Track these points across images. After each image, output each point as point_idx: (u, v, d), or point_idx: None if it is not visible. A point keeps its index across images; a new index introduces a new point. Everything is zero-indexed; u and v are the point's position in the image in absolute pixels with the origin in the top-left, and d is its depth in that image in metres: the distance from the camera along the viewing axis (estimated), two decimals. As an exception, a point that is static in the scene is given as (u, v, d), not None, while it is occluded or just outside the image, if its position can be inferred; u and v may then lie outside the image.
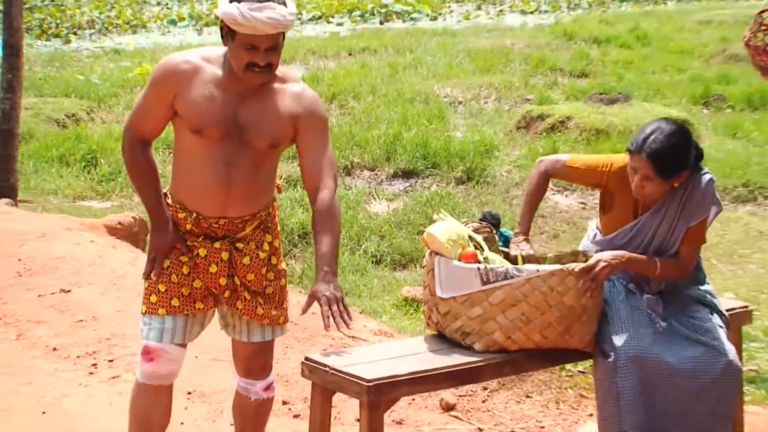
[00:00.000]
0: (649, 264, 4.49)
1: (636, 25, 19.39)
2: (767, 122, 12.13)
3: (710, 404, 4.47)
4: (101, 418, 5.26)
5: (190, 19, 23.08)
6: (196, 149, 4.11)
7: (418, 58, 16.82)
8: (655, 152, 4.35)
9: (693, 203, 4.53)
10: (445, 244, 4.36)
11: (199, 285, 4.18)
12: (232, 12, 3.89)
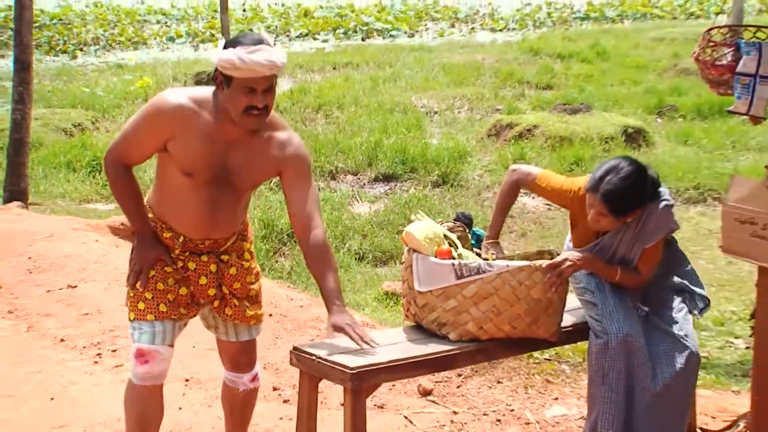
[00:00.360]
0: (611, 271, 4.57)
1: (596, 42, 19.47)
2: (716, 130, 12.17)
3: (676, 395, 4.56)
4: (106, 405, 5.25)
5: (187, 36, 23.04)
6: (184, 186, 4.06)
7: (397, 72, 16.85)
8: (608, 193, 4.40)
9: (647, 229, 4.60)
10: (423, 242, 4.37)
11: (185, 293, 4.15)
12: (230, 58, 3.81)
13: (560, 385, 5.84)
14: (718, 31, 4.85)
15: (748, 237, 4.60)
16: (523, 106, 14.32)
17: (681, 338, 4.56)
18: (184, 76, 16.47)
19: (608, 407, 4.50)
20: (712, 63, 4.76)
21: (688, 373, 4.55)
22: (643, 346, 4.48)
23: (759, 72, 4.55)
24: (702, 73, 4.88)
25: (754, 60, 4.55)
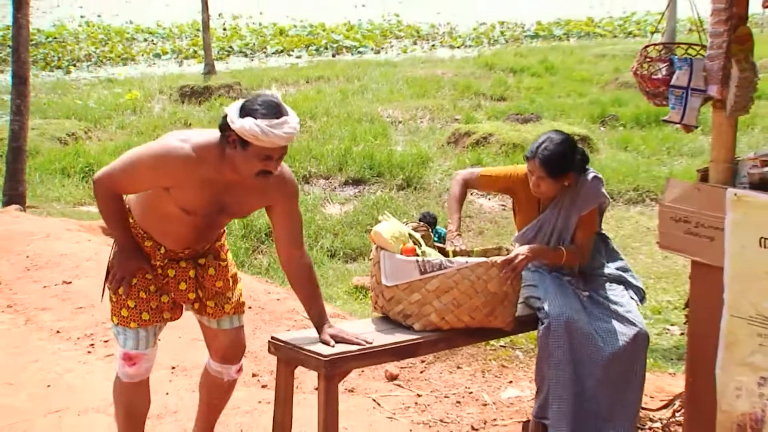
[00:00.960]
0: (558, 253, 4.66)
1: (545, 58, 19.56)
2: (653, 138, 12.25)
3: (624, 368, 4.62)
4: (98, 391, 5.22)
5: (172, 53, 22.96)
6: (177, 216, 3.90)
7: (365, 85, 16.87)
8: (545, 158, 4.58)
9: (581, 197, 4.75)
10: (390, 240, 4.39)
11: (167, 300, 4.05)
12: (252, 129, 3.64)
13: (514, 370, 5.85)
14: (654, 48, 4.88)
15: (682, 234, 4.63)
16: (480, 116, 14.37)
17: (626, 316, 4.66)
18: (170, 89, 16.42)
19: (557, 384, 4.55)
20: (649, 77, 4.78)
21: (636, 348, 4.62)
22: (585, 326, 4.55)
23: (690, 85, 4.58)
24: (640, 86, 4.90)
25: (686, 74, 4.58)
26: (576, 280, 4.78)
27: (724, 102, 4.45)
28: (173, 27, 26.75)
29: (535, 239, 4.75)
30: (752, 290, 4.24)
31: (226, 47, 23.49)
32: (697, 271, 4.67)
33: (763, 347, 4.30)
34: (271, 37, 25.54)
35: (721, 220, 4.41)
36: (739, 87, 4.40)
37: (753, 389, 4.41)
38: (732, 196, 4.37)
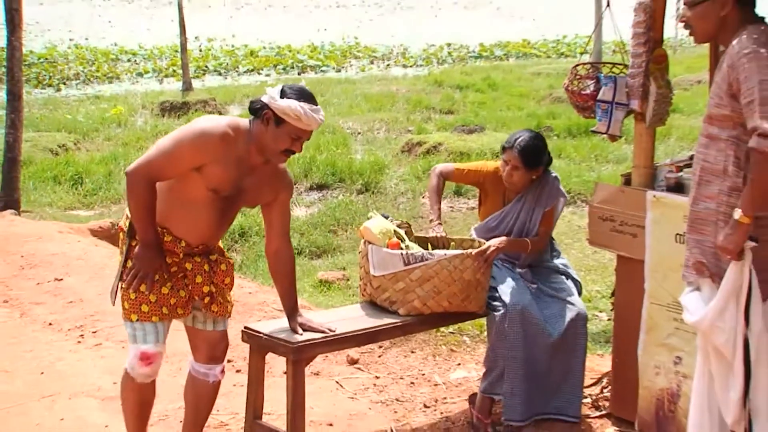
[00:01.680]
0: (524, 243, 4.80)
1: (487, 76, 19.61)
2: (583, 146, 12.32)
3: (569, 345, 4.75)
4: (87, 377, 5.21)
5: (153, 72, 22.75)
6: (201, 199, 3.80)
7: (327, 100, 16.83)
8: (523, 148, 4.70)
9: (544, 194, 4.86)
10: (378, 235, 4.54)
11: (184, 294, 3.89)
12: (297, 109, 3.68)
13: (462, 353, 5.87)
14: (583, 67, 4.92)
15: (608, 231, 4.68)
16: (430, 127, 14.38)
17: (568, 300, 4.78)
18: (151, 104, 16.29)
19: (512, 364, 4.63)
20: (579, 92, 4.82)
21: (578, 326, 4.74)
22: (535, 313, 4.65)
23: (615, 99, 4.62)
24: (571, 101, 4.94)
25: (611, 90, 4.63)
26: (526, 273, 4.89)
27: (644, 114, 4.51)
28: (154, 49, 26.49)
29: (496, 229, 4.86)
30: (669, 280, 4.30)
31: (202, 67, 23.31)
32: (621, 264, 4.73)
33: (678, 330, 4.36)
34: (243, 58, 25.38)
35: (643, 219, 4.47)
36: (657, 101, 4.46)
37: (670, 367, 4.47)
38: (652, 197, 4.42)
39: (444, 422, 4.91)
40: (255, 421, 4.35)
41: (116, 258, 7.11)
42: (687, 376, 4.28)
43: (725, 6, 3.58)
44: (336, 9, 45.26)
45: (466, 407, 5.05)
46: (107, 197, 10.55)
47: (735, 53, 3.49)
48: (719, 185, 3.61)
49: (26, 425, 4.64)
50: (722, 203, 3.59)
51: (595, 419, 4.87)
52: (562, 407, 4.79)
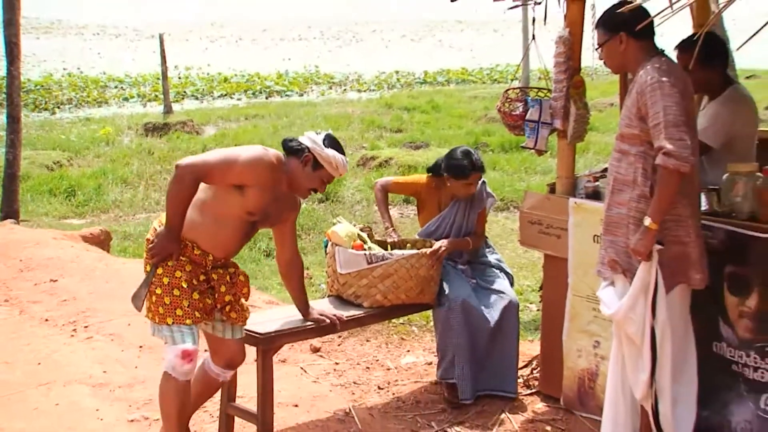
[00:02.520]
0: (466, 242, 4.90)
1: (431, 99, 19.68)
2: (514, 160, 12.40)
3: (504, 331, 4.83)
4: (80, 366, 5.13)
5: (138, 97, 22.52)
6: (235, 219, 3.74)
7: (291, 121, 16.80)
8: (481, 165, 4.93)
9: (476, 198, 4.98)
10: (344, 238, 4.62)
11: (209, 302, 3.78)
12: (337, 159, 3.80)
13: (411, 341, 5.87)
14: (513, 91, 4.95)
15: (536, 233, 4.71)
16: (382, 144, 14.38)
17: (501, 293, 4.86)
18: (136, 125, 16.11)
19: (459, 350, 4.69)
20: (510, 113, 4.85)
21: (511, 314, 4.84)
22: (475, 303, 4.73)
23: (540, 119, 4.66)
24: (503, 120, 4.97)
25: (537, 111, 4.66)
26: (466, 269, 4.97)
27: (565, 132, 4.55)
28: (138, 77, 26.24)
29: (436, 232, 4.92)
30: (589, 276, 4.34)
31: (181, 92, 23.12)
32: (548, 262, 4.77)
33: (596, 318, 4.40)
34: (217, 84, 25.22)
35: (566, 222, 4.50)
36: (576, 121, 4.50)
37: (590, 350, 4.50)
38: (573, 204, 4.46)
39: (395, 402, 4.90)
40: (229, 404, 4.32)
41: (105, 261, 7.05)
42: (604, 357, 4.32)
43: (623, 43, 3.68)
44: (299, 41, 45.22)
45: (415, 388, 5.06)
46: (97, 207, 10.42)
47: (643, 82, 3.55)
48: (630, 193, 3.66)
49: (25, 410, 4.56)
50: (632, 209, 3.64)
51: (526, 396, 4.89)
52: (500, 384, 4.86)
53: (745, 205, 3.81)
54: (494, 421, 4.58)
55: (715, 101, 4.54)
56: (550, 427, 4.49)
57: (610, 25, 3.72)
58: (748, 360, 3.83)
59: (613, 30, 3.69)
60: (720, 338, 3.92)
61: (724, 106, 4.48)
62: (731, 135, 4.41)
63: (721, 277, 3.84)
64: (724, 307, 3.87)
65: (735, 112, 4.47)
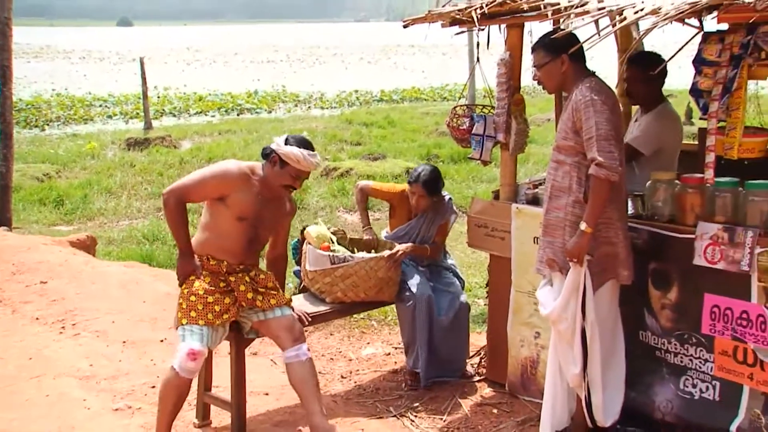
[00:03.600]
0: (424, 249, 4.91)
1: (387, 115, 19.67)
2: (462, 170, 12.43)
3: (456, 326, 4.88)
4: (68, 361, 5.04)
5: (121, 114, 22.14)
6: (232, 227, 3.89)
7: (261, 135, 16.66)
8: (425, 182, 4.83)
9: (440, 211, 5.00)
10: (315, 238, 4.66)
11: (229, 301, 3.84)
12: (296, 153, 3.82)
13: (371, 335, 5.85)
14: (460, 108, 4.96)
15: (483, 236, 4.72)
16: (343, 156, 14.33)
17: (455, 293, 4.91)
18: (119, 140, 15.86)
19: (421, 343, 4.73)
20: (457, 128, 4.86)
21: (463, 314, 4.89)
22: (434, 302, 4.77)
23: (485, 133, 4.67)
24: (451, 134, 4.98)
25: (482, 125, 4.67)
26: (426, 271, 4.97)
27: (507, 145, 4.57)
28: (121, 96, 25.84)
29: (403, 238, 4.93)
30: (529, 273, 4.36)
31: (160, 110, 22.82)
32: (493, 261, 4.78)
33: (537, 312, 4.41)
34: (193, 102, 24.94)
35: (509, 225, 4.52)
36: (517, 134, 4.52)
37: (531, 340, 4.52)
38: (515, 209, 4.48)
39: (357, 389, 4.88)
40: (205, 393, 4.28)
41: (91, 264, 6.93)
42: (544, 347, 4.34)
43: (563, 64, 3.70)
44: (267, 63, 44.96)
45: (374, 377, 5.04)
46: (84, 215, 10.24)
47: (578, 100, 3.58)
48: (565, 199, 3.69)
49: (18, 401, 4.47)
50: (569, 213, 3.67)
51: (476, 382, 4.90)
52: (452, 371, 4.91)
53: (666, 209, 3.86)
54: (447, 405, 4.58)
55: (649, 114, 4.57)
56: (497, 409, 4.50)
57: (552, 48, 3.73)
58: (670, 346, 3.88)
59: (555, 52, 3.71)
60: (645, 328, 3.97)
61: (656, 120, 4.52)
62: (659, 145, 4.45)
63: (645, 273, 3.89)
64: (649, 300, 3.92)
65: (665, 126, 4.52)
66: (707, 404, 3.74)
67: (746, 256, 3.44)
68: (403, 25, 4.65)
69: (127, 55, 49.44)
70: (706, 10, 3.15)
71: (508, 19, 4.29)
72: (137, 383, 4.77)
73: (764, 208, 3.50)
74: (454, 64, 37.84)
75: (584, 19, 3.54)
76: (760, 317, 3.48)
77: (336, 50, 59.17)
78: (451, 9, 4.38)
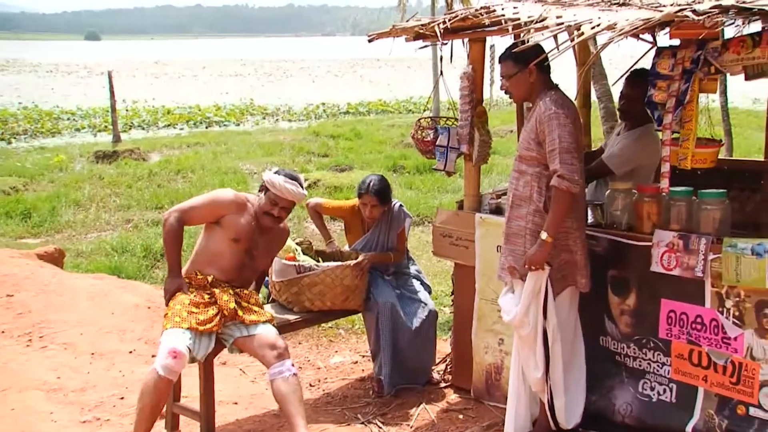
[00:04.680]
0: (388, 256, 4.90)
1: (354, 127, 19.68)
2: (428, 181, 12.48)
3: (423, 334, 4.86)
4: (35, 374, 4.94)
5: (89, 127, 21.89)
6: (226, 248, 4.07)
7: (229, 148, 16.58)
8: (376, 191, 4.82)
9: (394, 219, 4.97)
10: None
11: (214, 311, 3.90)
12: (273, 180, 4.05)
13: (338, 343, 5.83)
14: (425, 120, 4.98)
15: (448, 245, 4.74)
16: (311, 167, 14.30)
17: (422, 301, 4.89)
18: (87, 153, 15.69)
19: (386, 349, 4.72)
20: (422, 139, 4.88)
21: (430, 322, 4.86)
22: (400, 309, 4.75)
23: (449, 144, 4.69)
24: (416, 146, 4.99)
25: (446, 137, 4.70)
26: (391, 280, 4.96)
27: (471, 156, 4.60)
28: (89, 109, 25.55)
29: (362, 251, 4.89)
30: (493, 281, 4.38)
31: (128, 123, 22.61)
32: (458, 270, 4.80)
33: (500, 319, 4.42)
34: (161, 115, 24.74)
35: (472, 234, 4.54)
36: (480, 146, 4.55)
37: (495, 347, 4.55)
38: (479, 218, 4.50)
39: (325, 397, 4.86)
40: (174, 403, 4.24)
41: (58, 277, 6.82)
42: (507, 353, 4.37)
43: (532, 74, 3.74)
44: (235, 77, 44.80)
45: (342, 385, 5.03)
46: (52, 228, 10.08)
47: (541, 112, 3.62)
48: (527, 208, 3.72)
49: (-17, 416, 4.37)
50: (529, 221, 3.71)
51: (442, 389, 4.91)
52: (415, 379, 4.88)
53: (624, 218, 3.91)
54: (414, 412, 4.58)
55: (631, 133, 4.45)
56: (463, 415, 4.51)
57: (520, 59, 3.74)
58: (629, 351, 3.93)
59: (524, 63, 3.73)
60: (605, 333, 4.01)
61: (635, 142, 4.39)
62: (633, 166, 4.36)
63: (605, 279, 3.94)
64: (608, 306, 3.97)
65: (643, 148, 4.39)
66: (665, 406, 3.79)
67: (700, 263, 3.51)
68: (368, 40, 4.66)
69: (95, 69, 48.95)
70: (659, 26, 3.22)
71: (470, 34, 4.34)
72: (105, 395, 4.71)
73: (716, 216, 3.57)
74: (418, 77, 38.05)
75: (543, 34, 3.58)
76: (713, 321, 3.54)
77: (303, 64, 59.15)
78: (415, 24, 4.41)
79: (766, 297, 3.37)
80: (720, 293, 3.50)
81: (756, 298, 3.40)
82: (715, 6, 3.05)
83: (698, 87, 3.45)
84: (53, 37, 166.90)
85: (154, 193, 11.83)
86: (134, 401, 4.59)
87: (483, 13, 4.03)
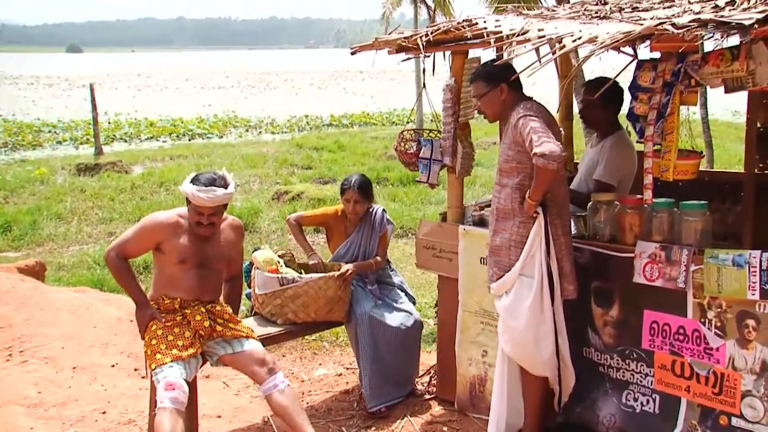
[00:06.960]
0: (370, 263, 4.88)
1: (337, 140, 19.72)
2: (411, 192, 12.51)
3: (407, 345, 4.84)
4: (15, 388, 4.88)
5: (71, 140, 21.78)
6: (177, 271, 3.94)
7: (212, 160, 16.55)
8: (359, 185, 4.85)
9: (376, 223, 4.98)
10: (262, 263, 4.63)
11: (189, 334, 3.85)
12: (186, 191, 3.85)
13: (322, 356, 5.81)
14: (408, 132, 5.00)
15: (431, 257, 4.74)
16: (294, 179, 14.30)
17: (407, 311, 4.86)
18: (69, 166, 15.59)
19: (366, 361, 4.68)
20: (405, 152, 4.90)
21: (414, 331, 4.85)
22: (379, 318, 4.71)
23: (432, 156, 4.71)
24: (399, 158, 5.01)
25: (429, 149, 4.72)
26: (375, 289, 4.94)
27: (454, 168, 4.61)
28: (71, 122, 25.44)
29: (345, 255, 4.91)
30: (476, 293, 4.39)
31: (110, 135, 22.52)
32: (442, 282, 4.80)
33: (485, 331, 4.45)
34: (144, 128, 24.66)
35: (456, 246, 4.55)
36: (463, 158, 4.57)
37: (479, 359, 4.55)
38: (462, 230, 4.51)
39: (309, 410, 4.83)
40: (158, 418, 4.18)
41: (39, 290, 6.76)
42: (491, 365, 4.37)
43: (503, 92, 3.78)
44: (218, 89, 44.75)
45: (327, 397, 5.00)
46: (33, 241, 9.99)
47: (514, 120, 3.66)
48: (511, 221, 3.74)
49: (-38, 432, 4.31)
50: (513, 233, 3.73)
51: (426, 401, 4.89)
52: (400, 392, 4.86)
53: (607, 229, 3.93)
54: (398, 424, 4.57)
55: (607, 140, 4.49)
56: (447, 427, 4.50)
57: (490, 78, 3.79)
58: (612, 362, 3.94)
59: (494, 82, 3.78)
60: (589, 344, 4.02)
61: (613, 149, 4.42)
62: (620, 176, 4.39)
63: (588, 291, 3.95)
64: (592, 317, 3.98)
65: (623, 156, 4.42)
66: (648, 417, 3.80)
67: (682, 274, 3.53)
68: (351, 52, 4.68)
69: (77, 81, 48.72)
70: (639, 39, 3.25)
71: (453, 47, 4.36)
72: (87, 409, 4.66)
73: (698, 227, 3.60)
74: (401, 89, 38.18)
75: (525, 47, 3.61)
76: (696, 332, 3.57)
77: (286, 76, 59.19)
78: (398, 36, 4.43)
79: (747, 307, 3.40)
80: (702, 304, 3.53)
81: (737, 309, 3.43)
82: (694, 20, 3.08)
83: (679, 99, 3.49)
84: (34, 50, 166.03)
85: (137, 205, 11.77)
86: (116, 416, 4.57)
87: (465, 26, 4.05)
